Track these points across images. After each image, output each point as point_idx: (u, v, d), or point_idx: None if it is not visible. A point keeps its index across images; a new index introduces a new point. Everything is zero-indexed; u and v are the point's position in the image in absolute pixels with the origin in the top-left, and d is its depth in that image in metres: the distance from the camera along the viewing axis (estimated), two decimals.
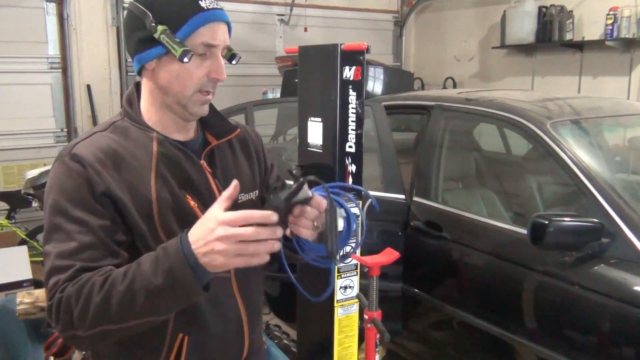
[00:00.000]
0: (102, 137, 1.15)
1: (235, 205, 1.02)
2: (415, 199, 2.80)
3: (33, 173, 2.94)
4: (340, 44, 2.23)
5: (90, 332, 0.99)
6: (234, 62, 1.22)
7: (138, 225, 1.10)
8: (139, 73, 1.20)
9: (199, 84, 1.14)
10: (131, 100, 1.23)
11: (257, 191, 1.33)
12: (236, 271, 1.23)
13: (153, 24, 1.11)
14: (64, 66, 4.95)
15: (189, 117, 1.19)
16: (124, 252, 1.09)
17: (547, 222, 1.93)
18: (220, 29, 1.14)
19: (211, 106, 1.26)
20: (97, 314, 0.97)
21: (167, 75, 1.14)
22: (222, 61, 1.15)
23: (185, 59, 1.08)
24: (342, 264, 2.34)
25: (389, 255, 2.29)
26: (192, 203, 1.17)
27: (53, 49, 4.93)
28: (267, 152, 1.43)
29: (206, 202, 1.16)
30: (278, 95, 4.84)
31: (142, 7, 1.13)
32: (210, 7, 1.13)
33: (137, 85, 1.26)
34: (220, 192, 1.16)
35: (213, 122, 1.29)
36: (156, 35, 1.10)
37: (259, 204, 1.32)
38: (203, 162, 1.22)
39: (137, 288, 0.96)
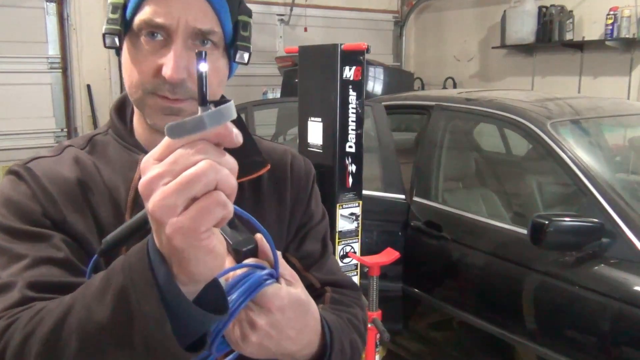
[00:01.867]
0: (70, 158, 0.84)
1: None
2: (415, 199, 2.80)
3: None
4: (340, 44, 2.23)
5: None
6: (244, 59, 0.83)
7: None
8: None
9: (148, 82, 0.78)
10: (123, 105, 0.92)
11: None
12: None
13: None
14: (64, 66, 4.95)
15: (157, 129, 0.81)
16: None
17: (547, 222, 1.93)
18: (179, 2, 0.76)
19: (236, 122, 0.88)
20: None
21: (122, 67, 0.83)
22: (179, 50, 0.75)
23: (108, 41, 0.79)
24: (343, 264, 2.34)
25: (389, 255, 2.29)
26: None
27: (53, 49, 4.93)
28: (317, 198, 1.00)
29: None
30: (278, 95, 4.85)
31: None
32: None
33: None
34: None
35: (235, 148, 0.84)
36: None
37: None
38: None
39: (69, 325, 0.61)
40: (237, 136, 0.53)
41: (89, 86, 5.05)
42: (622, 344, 1.91)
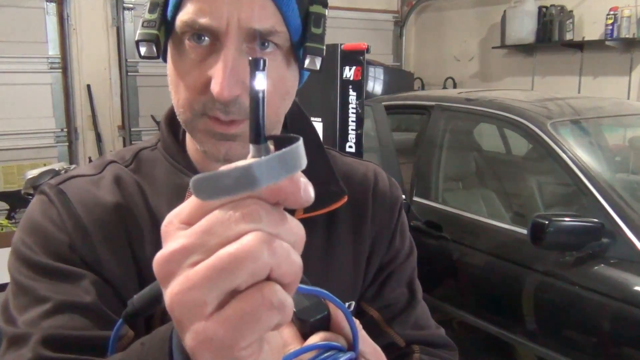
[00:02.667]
0: (111, 178, 0.71)
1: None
2: (415, 199, 2.80)
3: (33, 173, 2.94)
4: (340, 44, 2.23)
5: None
6: (316, 65, 0.64)
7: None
8: None
9: (196, 102, 0.63)
10: (174, 115, 0.70)
11: (354, 302, 0.77)
12: None
13: None
14: (64, 66, 4.95)
15: (208, 158, 0.68)
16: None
17: (547, 222, 1.93)
18: None
19: (311, 137, 0.76)
20: None
21: (169, 80, 0.67)
22: (230, 58, 0.59)
23: (142, 48, 0.63)
24: None
25: None
26: None
27: (53, 49, 4.92)
28: (404, 231, 0.85)
29: None
30: None
31: None
32: None
33: None
34: None
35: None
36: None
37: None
38: None
39: None
40: (306, 192, 0.35)
41: (89, 86, 5.05)
42: (622, 344, 1.91)
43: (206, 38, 0.60)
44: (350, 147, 2.31)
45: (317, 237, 0.74)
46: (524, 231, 2.16)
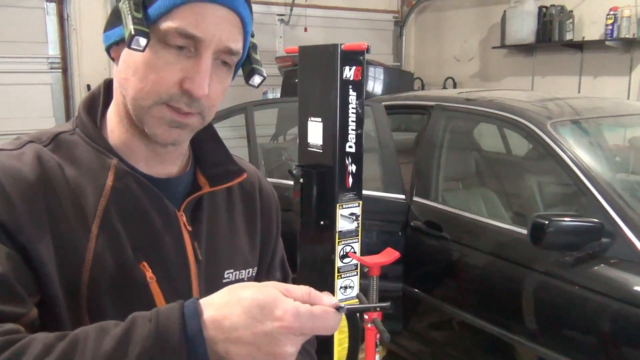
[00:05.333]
0: (32, 154, 0.75)
1: (216, 286, 0.68)
2: (415, 199, 2.80)
3: None
4: (340, 44, 2.23)
5: None
6: (255, 82, 0.85)
7: (53, 295, 0.71)
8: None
9: (165, 92, 0.73)
10: (93, 103, 0.84)
11: (253, 269, 0.91)
12: None
13: None
14: (64, 66, 4.95)
15: (150, 138, 0.78)
16: (30, 303, 0.69)
17: (547, 222, 1.93)
18: (214, 15, 0.73)
19: (211, 131, 0.89)
20: None
21: (124, 69, 0.76)
22: (208, 66, 0.74)
23: (136, 44, 0.70)
24: (343, 264, 2.34)
25: (389, 255, 2.29)
26: (148, 275, 0.76)
27: (53, 49, 4.93)
28: (280, 225, 1.00)
29: (172, 276, 0.79)
30: (278, 95, 4.84)
31: None
32: None
33: (110, 85, 0.85)
34: (198, 264, 0.81)
35: (211, 157, 0.89)
36: (119, 5, 0.73)
37: None
38: (182, 215, 0.82)
39: None
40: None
41: (89, 86, 5.05)
42: (622, 344, 1.91)
43: (188, 45, 0.73)
44: (350, 147, 2.30)
45: (221, 212, 0.88)
46: (524, 231, 2.16)
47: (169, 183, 0.83)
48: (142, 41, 0.70)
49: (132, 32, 0.69)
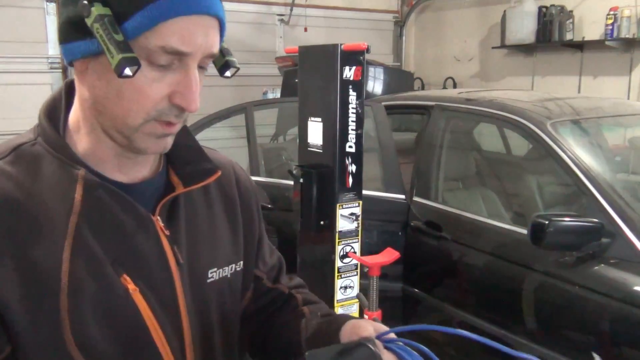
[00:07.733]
0: None
1: (200, 288, 0.76)
2: (415, 199, 2.80)
3: None
4: (340, 44, 2.23)
5: None
6: (228, 73, 0.79)
7: (27, 331, 0.66)
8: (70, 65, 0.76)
9: (153, 109, 0.70)
10: (55, 110, 0.79)
11: (239, 263, 0.90)
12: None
13: (85, 1, 0.65)
14: (64, 66, 4.95)
15: (136, 151, 0.76)
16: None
17: (547, 222, 1.93)
18: (201, 26, 0.69)
19: (183, 128, 0.82)
20: None
21: (103, 87, 0.70)
22: (197, 78, 0.71)
23: (127, 72, 0.65)
24: (343, 264, 2.34)
25: (389, 255, 2.29)
26: (130, 287, 0.73)
27: (53, 49, 4.92)
28: (261, 211, 1.00)
29: (155, 284, 0.76)
30: (278, 95, 4.84)
31: None
32: None
33: (71, 86, 0.80)
34: (180, 267, 0.79)
35: (184, 156, 0.85)
36: (88, 22, 0.65)
37: (238, 281, 0.91)
38: (157, 219, 0.78)
39: None
40: None
41: None
42: (622, 344, 1.91)
43: (172, 60, 0.69)
44: (350, 147, 2.30)
45: (199, 210, 0.86)
46: (524, 231, 2.15)
47: (141, 187, 0.79)
48: (133, 69, 0.66)
49: (120, 61, 0.64)
